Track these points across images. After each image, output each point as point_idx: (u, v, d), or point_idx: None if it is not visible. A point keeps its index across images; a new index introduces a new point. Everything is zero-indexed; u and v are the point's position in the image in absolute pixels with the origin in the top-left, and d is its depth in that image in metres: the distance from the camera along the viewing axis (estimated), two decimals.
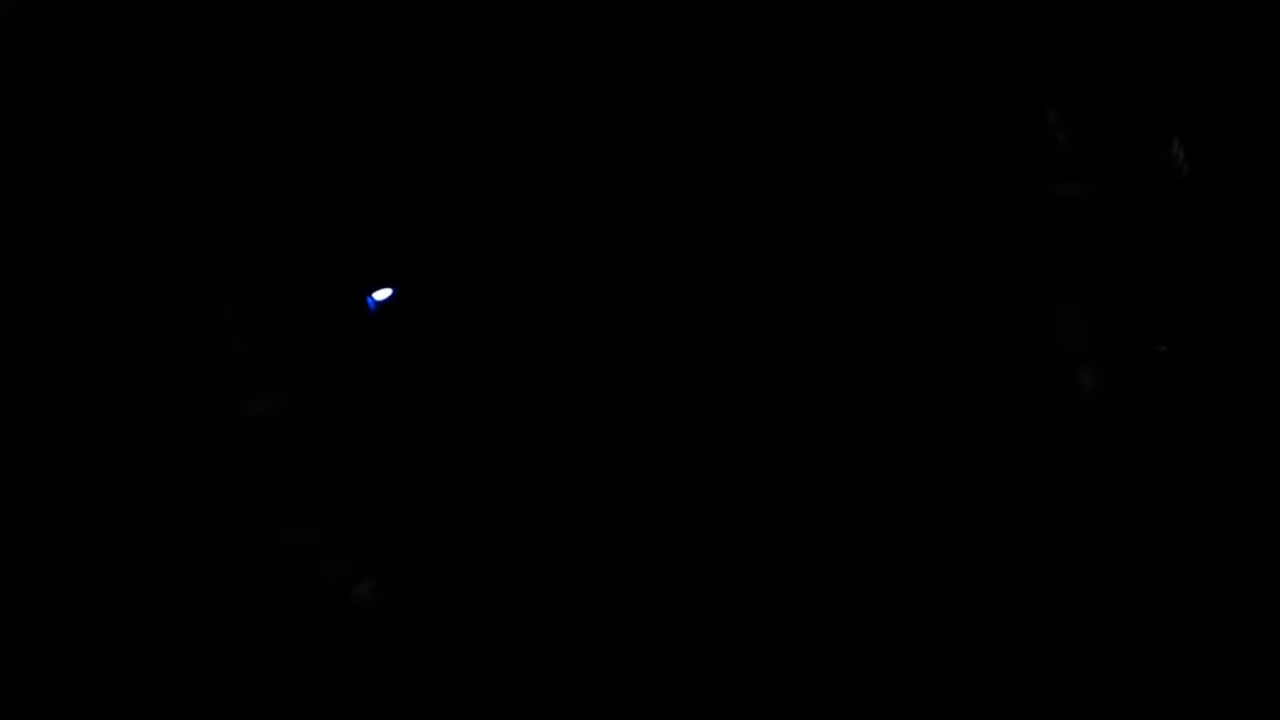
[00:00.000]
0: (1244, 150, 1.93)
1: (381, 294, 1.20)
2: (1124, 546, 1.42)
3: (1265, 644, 1.47)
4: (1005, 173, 1.87)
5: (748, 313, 1.97)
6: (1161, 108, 1.57)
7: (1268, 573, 1.56)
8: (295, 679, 1.24)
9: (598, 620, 1.35)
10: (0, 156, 1.93)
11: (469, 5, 2.28)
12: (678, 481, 1.58)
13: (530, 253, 2.06)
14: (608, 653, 1.30)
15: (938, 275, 1.71)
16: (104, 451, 1.48)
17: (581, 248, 2.05)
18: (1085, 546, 1.42)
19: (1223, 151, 1.85)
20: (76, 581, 1.38)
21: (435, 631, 1.49)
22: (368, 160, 2.00)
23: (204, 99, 2.02)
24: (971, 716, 1.52)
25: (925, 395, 1.61)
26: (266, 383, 1.43)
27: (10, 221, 1.84)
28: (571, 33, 2.26)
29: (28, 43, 2.08)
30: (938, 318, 1.69)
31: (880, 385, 1.62)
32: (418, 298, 1.83)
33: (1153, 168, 1.49)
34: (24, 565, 1.61)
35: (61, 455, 1.49)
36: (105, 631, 1.27)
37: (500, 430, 1.60)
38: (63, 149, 1.93)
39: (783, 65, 2.19)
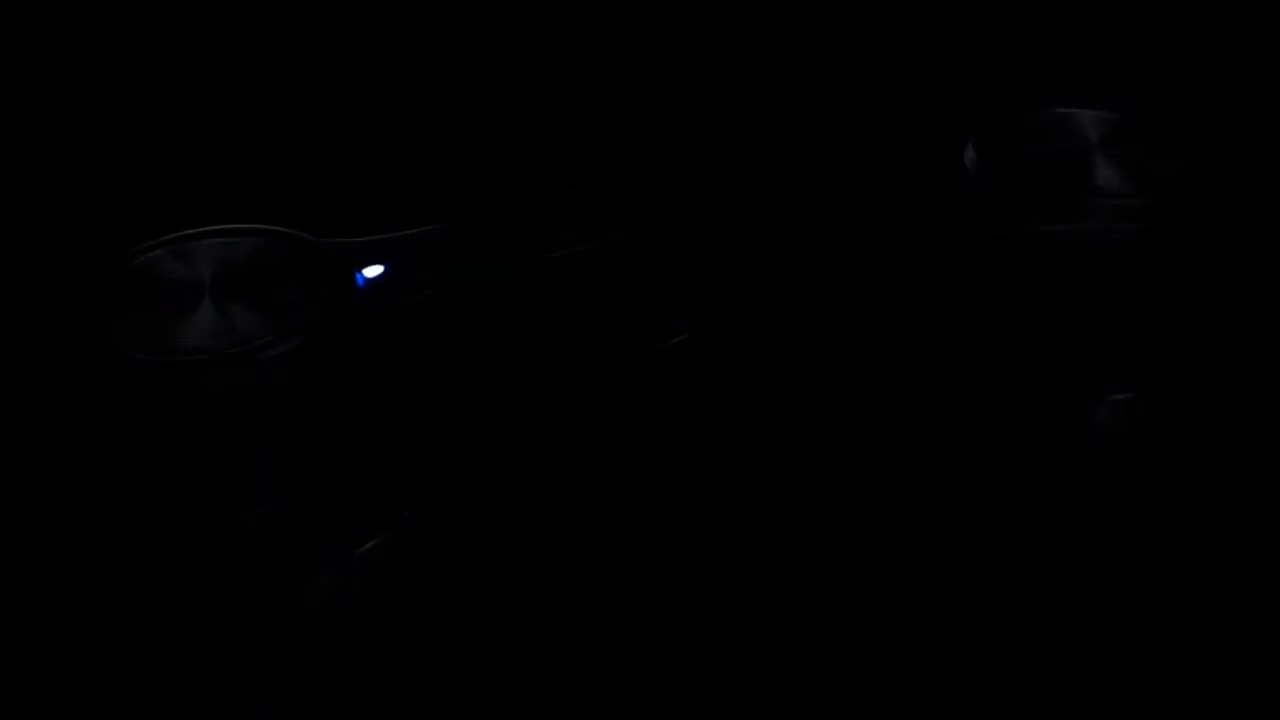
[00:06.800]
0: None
1: (372, 271, 1.13)
2: (1135, 587, 1.33)
3: None
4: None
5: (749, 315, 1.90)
6: (1194, 131, 1.52)
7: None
8: (241, 676, 1.16)
9: (585, 620, 1.27)
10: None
11: (471, 7, 2.30)
12: (673, 482, 1.52)
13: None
14: (597, 653, 1.23)
15: (951, 293, 1.64)
16: (60, 423, 1.40)
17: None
18: (1094, 587, 1.33)
19: (1260, 177, 1.81)
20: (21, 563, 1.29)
21: (402, 632, 1.41)
22: (365, 149, 1.99)
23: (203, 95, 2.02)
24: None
25: (934, 414, 1.54)
26: (241, 354, 1.33)
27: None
28: (574, 35, 2.27)
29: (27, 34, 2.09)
30: (951, 337, 1.63)
31: (886, 402, 1.56)
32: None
33: (1185, 194, 1.43)
34: None
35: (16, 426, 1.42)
36: (44, 618, 1.18)
37: (491, 423, 1.54)
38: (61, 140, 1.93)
39: (791, 71, 2.18)
